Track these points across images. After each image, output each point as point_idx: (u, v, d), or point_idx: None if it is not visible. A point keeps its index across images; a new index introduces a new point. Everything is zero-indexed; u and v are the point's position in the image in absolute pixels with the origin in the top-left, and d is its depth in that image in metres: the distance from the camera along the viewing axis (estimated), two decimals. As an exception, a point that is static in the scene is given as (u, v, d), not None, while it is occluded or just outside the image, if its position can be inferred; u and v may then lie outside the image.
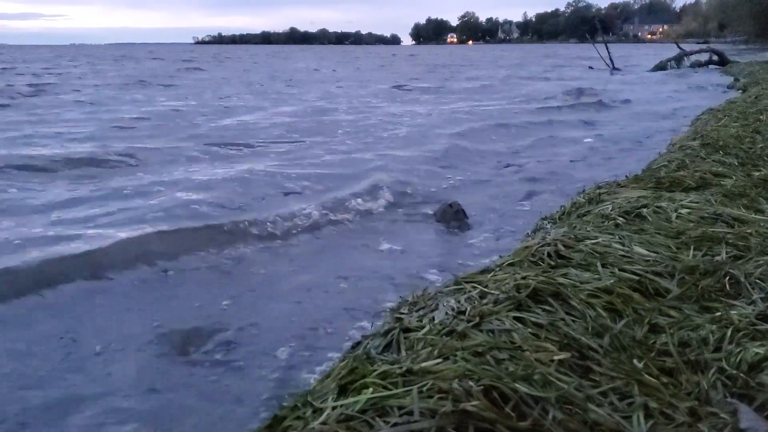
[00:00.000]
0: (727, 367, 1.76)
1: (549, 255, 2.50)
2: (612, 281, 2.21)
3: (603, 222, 3.04)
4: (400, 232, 4.25)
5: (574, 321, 1.91)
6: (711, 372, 1.75)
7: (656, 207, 3.18)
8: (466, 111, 11.68)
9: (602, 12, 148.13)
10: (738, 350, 1.82)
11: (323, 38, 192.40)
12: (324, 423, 1.41)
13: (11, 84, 18.36)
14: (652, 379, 1.68)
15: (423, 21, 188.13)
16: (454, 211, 4.42)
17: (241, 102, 13.96)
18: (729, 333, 1.91)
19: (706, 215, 3.06)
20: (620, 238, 2.68)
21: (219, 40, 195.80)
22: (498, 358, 1.62)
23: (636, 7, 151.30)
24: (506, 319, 1.87)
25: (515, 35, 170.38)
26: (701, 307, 2.15)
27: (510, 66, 33.62)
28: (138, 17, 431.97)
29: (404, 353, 1.75)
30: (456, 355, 1.62)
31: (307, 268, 3.55)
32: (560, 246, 2.55)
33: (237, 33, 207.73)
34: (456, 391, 1.43)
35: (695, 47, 31.95)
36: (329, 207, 4.63)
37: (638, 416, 1.51)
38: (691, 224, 2.93)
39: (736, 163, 4.53)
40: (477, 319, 1.87)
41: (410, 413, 1.39)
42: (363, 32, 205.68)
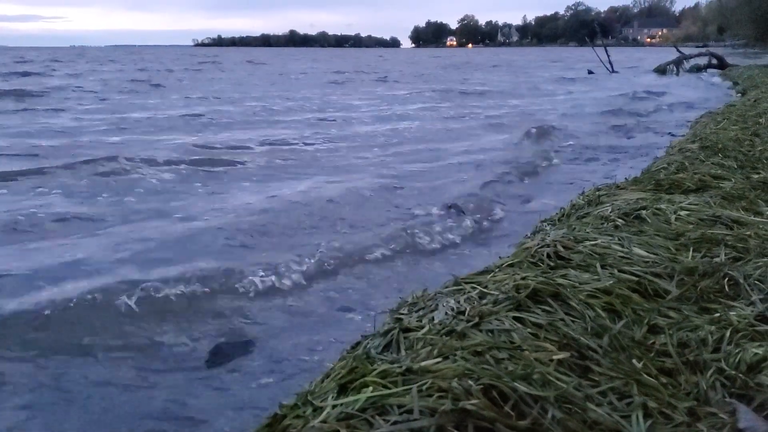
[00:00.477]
0: (726, 368, 1.76)
1: (548, 256, 2.50)
2: (611, 282, 2.21)
3: (602, 223, 3.05)
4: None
5: (574, 321, 1.92)
6: (710, 372, 1.75)
7: (655, 209, 3.18)
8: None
9: (601, 15, 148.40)
10: (737, 351, 1.82)
11: (323, 41, 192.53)
12: (324, 421, 1.41)
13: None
14: (651, 379, 1.69)
15: (422, 24, 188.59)
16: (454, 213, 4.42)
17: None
18: (728, 334, 1.92)
19: (705, 217, 3.07)
20: (619, 240, 2.69)
21: (218, 43, 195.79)
22: (497, 358, 1.63)
23: (635, 11, 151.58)
24: (506, 319, 1.87)
25: (515, 39, 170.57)
26: (700, 308, 2.15)
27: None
28: (137, 19, 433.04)
29: (404, 353, 1.75)
30: (455, 355, 1.62)
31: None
32: (559, 247, 2.56)
33: (236, 35, 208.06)
34: (455, 390, 1.43)
35: (694, 51, 32.03)
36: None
37: (637, 416, 1.51)
38: (691, 226, 2.94)
39: (735, 166, 4.53)
40: (476, 319, 1.88)
41: (410, 412, 1.39)
42: (363, 35, 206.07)
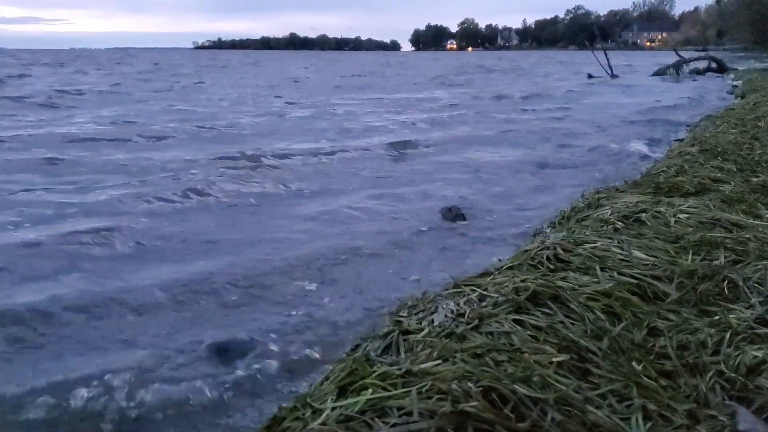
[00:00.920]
0: (726, 370, 1.76)
1: (548, 258, 2.51)
2: (611, 285, 2.22)
3: (602, 226, 3.05)
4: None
5: (573, 324, 1.92)
6: (709, 375, 1.75)
7: (655, 212, 3.19)
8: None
9: (601, 19, 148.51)
10: (736, 353, 1.83)
11: (323, 44, 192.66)
12: (323, 423, 1.41)
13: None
14: (651, 382, 1.69)
15: (422, 27, 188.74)
16: (454, 215, 4.42)
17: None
18: (727, 336, 1.92)
19: (705, 220, 3.07)
20: (619, 243, 2.69)
21: (218, 45, 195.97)
22: (497, 360, 1.63)
23: (635, 15, 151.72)
24: (505, 322, 1.87)
25: (514, 42, 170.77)
26: (700, 311, 2.15)
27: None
28: (138, 22, 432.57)
29: (403, 355, 1.75)
30: (455, 357, 1.62)
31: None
32: (559, 250, 2.56)
33: (237, 38, 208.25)
34: (455, 392, 1.43)
35: (694, 54, 32.04)
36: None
37: (637, 418, 1.52)
38: (690, 229, 2.94)
39: (735, 169, 4.54)
40: (476, 322, 1.88)
41: (409, 414, 1.39)
42: (363, 38, 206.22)
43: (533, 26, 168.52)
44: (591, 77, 28.75)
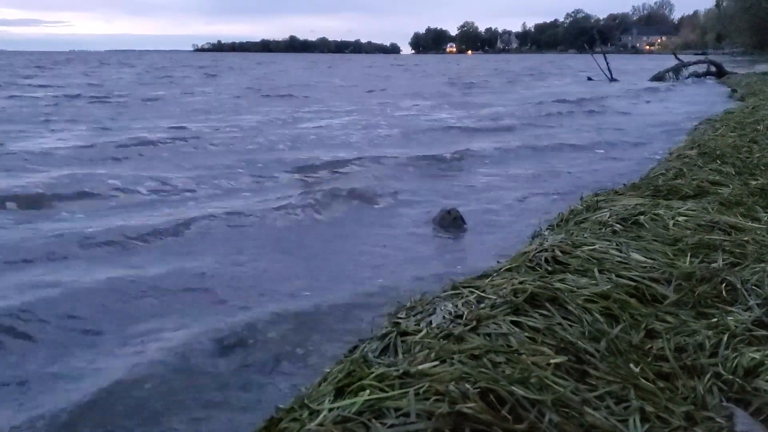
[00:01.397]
0: (724, 372, 1.76)
1: (546, 260, 2.51)
2: (609, 287, 2.22)
3: (600, 229, 3.05)
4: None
5: (571, 325, 1.92)
6: (707, 377, 1.75)
7: (653, 214, 3.19)
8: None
9: (601, 23, 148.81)
10: (734, 355, 1.83)
11: (323, 47, 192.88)
12: (320, 424, 1.41)
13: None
14: (649, 384, 1.69)
15: (422, 30, 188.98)
16: (452, 218, 4.42)
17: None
18: (725, 338, 1.92)
19: (703, 223, 3.07)
20: (617, 245, 2.69)
21: (218, 48, 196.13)
22: (495, 362, 1.62)
23: (634, 19, 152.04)
24: (503, 323, 1.87)
25: (514, 45, 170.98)
26: (698, 313, 2.15)
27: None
28: (138, 24, 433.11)
29: (401, 356, 1.75)
30: (453, 358, 1.62)
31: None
32: (557, 252, 2.56)
33: (236, 41, 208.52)
34: (452, 394, 1.43)
35: (693, 58, 32.09)
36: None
37: (634, 420, 1.51)
38: (688, 231, 2.94)
39: (733, 172, 4.54)
40: (474, 323, 1.88)
41: (407, 415, 1.39)
42: (363, 41, 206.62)
43: (533, 30, 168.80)
44: (590, 80, 28.80)
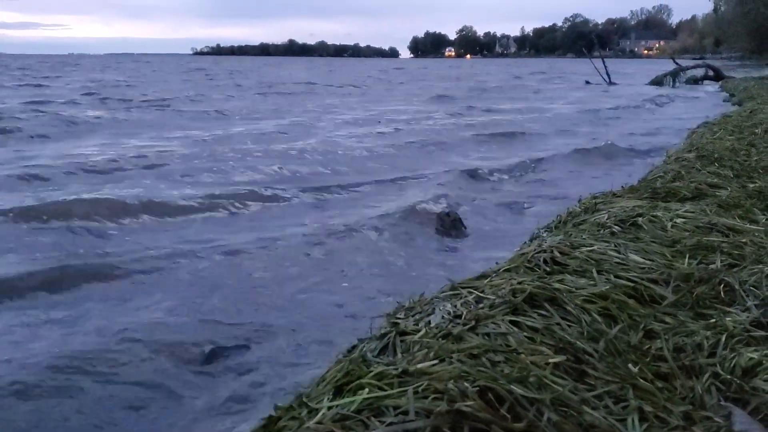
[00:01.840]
0: (722, 372, 1.76)
1: (545, 261, 2.51)
2: (607, 287, 2.22)
3: (599, 230, 3.06)
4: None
5: (570, 325, 1.92)
6: (705, 377, 1.76)
7: (652, 216, 3.19)
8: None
9: (599, 27, 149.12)
10: (732, 355, 1.83)
11: (322, 50, 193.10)
12: (319, 422, 1.41)
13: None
14: (647, 384, 1.69)
15: (421, 34, 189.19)
16: (451, 220, 4.43)
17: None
18: (723, 339, 1.93)
19: (702, 225, 3.08)
20: (616, 246, 2.69)
21: (217, 51, 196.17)
22: (493, 361, 1.63)
23: (632, 23, 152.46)
24: (502, 323, 1.87)
25: (512, 50, 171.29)
26: (696, 314, 2.16)
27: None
28: (137, 28, 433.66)
29: (400, 355, 1.75)
30: (452, 357, 1.62)
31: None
32: (556, 253, 2.56)
33: (236, 44, 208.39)
34: (451, 392, 1.43)
35: (691, 63, 32.18)
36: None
37: (633, 419, 1.52)
38: (687, 233, 2.95)
39: (731, 175, 4.55)
40: (473, 323, 1.88)
41: (405, 413, 1.39)
42: (361, 45, 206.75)
43: (531, 34, 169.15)
44: (588, 84, 28.88)
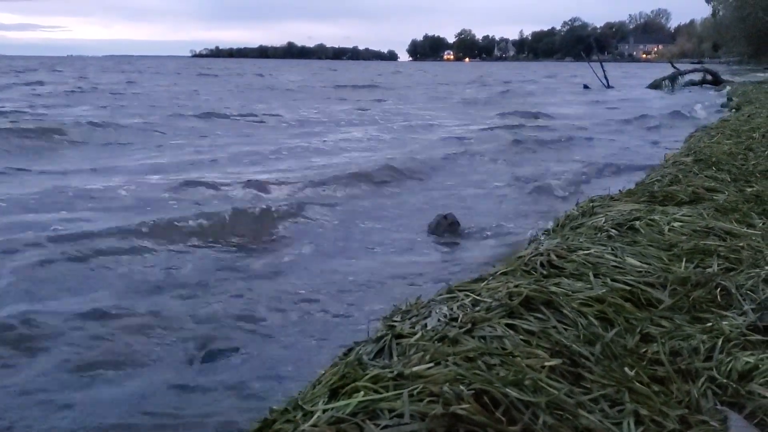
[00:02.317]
0: (718, 376, 1.76)
1: (542, 264, 2.50)
2: (604, 291, 2.22)
3: (596, 234, 3.05)
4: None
5: (566, 329, 1.92)
6: (702, 381, 1.76)
7: (649, 220, 3.19)
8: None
9: (598, 31, 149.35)
10: (729, 359, 1.83)
11: (320, 53, 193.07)
12: (314, 425, 1.40)
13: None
14: (643, 387, 1.69)
15: (420, 38, 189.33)
16: (449, 223, 4.43)
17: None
18: (720, 343, 1.92)
19: (699, 228, 3.08)
20: (613, 250, 2.69)
21: (216, 54, 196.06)
22: (489, 364, 1.62)
23: (631, 27, 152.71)
24: (498, 326, 1.87)
25: (511, 53, 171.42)
26: (693, 318, 2.16)
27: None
28: (136, 30, 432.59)
29: (396, 358, 1.75)
30: (447, 360, 1.62)
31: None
32: (553, 256, 2.56)
33: (234, 47, 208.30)
34: (447, 395, 1.42)
35: (689, 67, 32.25)
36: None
37: (629, 423, 1.51)
38: (684, 237, 2.95)
39: (729, 179, 4.55)
40: (469, 326, 1.87)
41: (401, 416, 1.38)
42: (360, 48, 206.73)
43: (530, 38, 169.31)
44: (587, 88, 28.92)
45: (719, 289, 2.32)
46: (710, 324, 2.07)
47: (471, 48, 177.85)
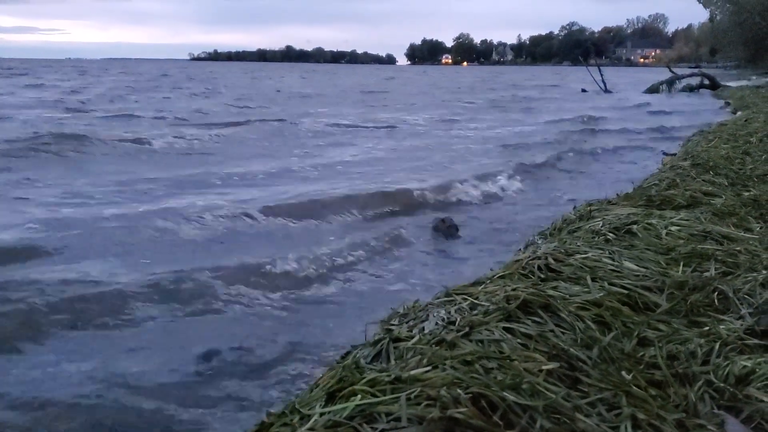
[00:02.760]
0: (715, 380, 1.76)
1: (539, 268, 2.51)
2: (601, 294, 2.22)
3: (593, 237, 3.06)
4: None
5: (564, 332, 1.92)
6: (699, 384, 1.75)
7: (646, 224, 3.19)
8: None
9: (595, 36, 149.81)
10: (726, 363, 1.83)
11: (319, 57, 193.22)
12: (311, 429, 1.40)
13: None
14: (641, 391, 1.68)
15: (418, 42, 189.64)
16: (447, 226, 4.43)
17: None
18: (717, 347, 1.92)
19: (696, 232, 3.08)
20: (610, 253, 2.70)
21: (215, 57, 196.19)
22: (487, 367, 1.62)
23: (629, 32, 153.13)
24: (495, 330, 1.87)
25: (509, 57, 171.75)
26: (690, 322, 2.16)
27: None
28: (134, 33, 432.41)
29: (393, 362, 1.74)
30: (445, 364, 1.62)
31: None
32: (550, 260, 2.56)
33: (233, 50, 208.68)
34: (444, 399, 1.42)
35: (687, 71, 32.32)
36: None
37: (626, 426, 1.51)
38: (681, 241, 2.95)
39: (726, 183, 4.56)
40: (466, 329, 1.87)
41: (398, 419, 1.38)
42: (359, 51, 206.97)
43: (528, 42, 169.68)
44: (584, 92, 28.98)
45: (716, 293, 2.33)
46: (707, 328, 2.07)
47: (469, 52, 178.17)
